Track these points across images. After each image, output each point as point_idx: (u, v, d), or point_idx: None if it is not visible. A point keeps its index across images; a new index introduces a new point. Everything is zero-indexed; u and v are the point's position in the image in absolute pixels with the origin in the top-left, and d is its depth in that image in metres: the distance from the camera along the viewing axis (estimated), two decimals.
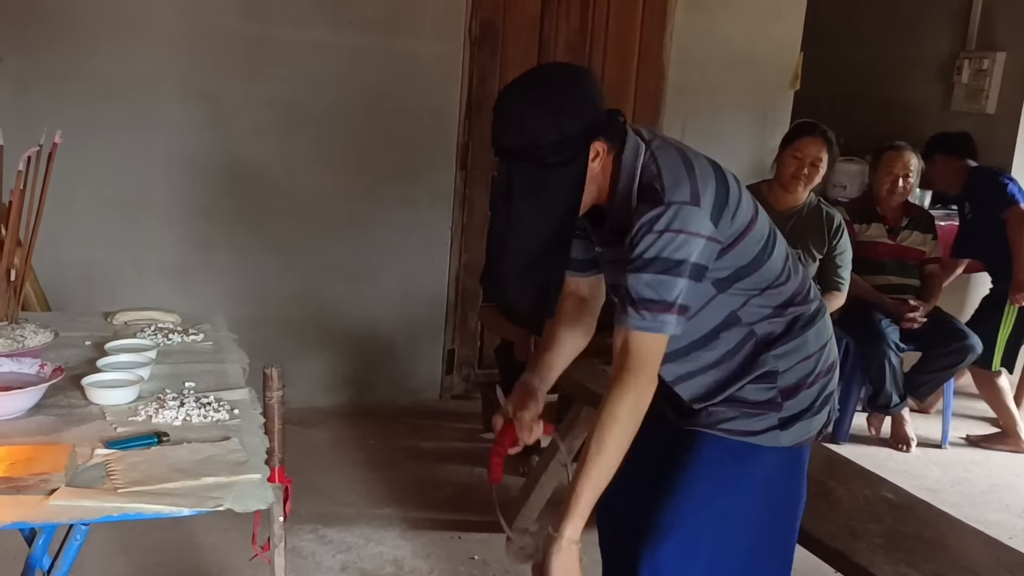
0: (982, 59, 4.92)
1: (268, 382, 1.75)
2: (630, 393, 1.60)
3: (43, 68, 3.46)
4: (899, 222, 4.14)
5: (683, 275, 1.56)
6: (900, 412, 4.09)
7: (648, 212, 1.57)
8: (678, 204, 1.56)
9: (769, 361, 1.75)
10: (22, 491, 1.34)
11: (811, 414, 1.80)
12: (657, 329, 1.58)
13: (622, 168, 1.64)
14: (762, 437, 1.76)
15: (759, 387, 1.76)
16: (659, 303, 1.56)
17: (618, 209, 1.66)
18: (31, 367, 1.77)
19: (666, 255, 1.55)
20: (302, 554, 2.83)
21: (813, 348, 1.79)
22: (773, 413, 1.76)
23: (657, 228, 1.55)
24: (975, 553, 2.07)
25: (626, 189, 1.64)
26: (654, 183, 1.60)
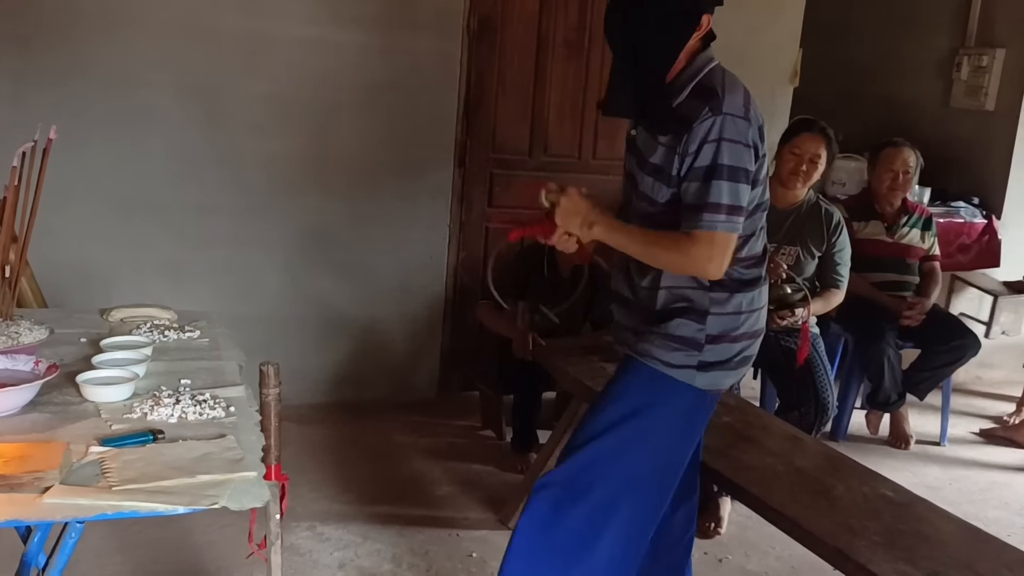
0: (981, 56, 4.91)
1: (264, 379, 1.75)
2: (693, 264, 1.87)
3: (40, 64, 3.44)
4: (898, 219, 4.13)
5: (739, 180, 1.84)
6: (899, 410, 4.09)
7: (704, 117, 1.82)
8: (730, 115, 1.83)
9: (707, 298, 1.95)
10: (16, 489, 1.34)
11: (727, 367, 2.00)
12: (732, 229, 1.85)
13: (696, 60, 1.92)
14: (681, 372, 1.97)
15: (689, 322, 1.96)
16: (731, 207, 1.83)
17: (675, 90, 1.90)
18: (26, 364, 1.77)
19: (729, 162, 1.82)
20: (299, 552, 2.83)
21: (745, 307, 2.00)
22: (695, 352, 1.96)
23: (713, 137, 1.81)
24: (974, 551, 2.07)
25: (689, 77, 1.90)
26: (716, 88, 1.86)
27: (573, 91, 4.18)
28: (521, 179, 4.19)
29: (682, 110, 1.87)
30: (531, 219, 2.05)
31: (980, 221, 4.77)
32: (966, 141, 4.99)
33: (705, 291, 1.95)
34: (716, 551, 3.03)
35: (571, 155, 4.26)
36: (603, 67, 4.16)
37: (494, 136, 4.13)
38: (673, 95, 1.90)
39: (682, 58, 1.92)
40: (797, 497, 2.28)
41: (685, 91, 1.89)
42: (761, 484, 2.33)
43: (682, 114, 1.86)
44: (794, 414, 3.34)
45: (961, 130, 5.01)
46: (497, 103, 4.10)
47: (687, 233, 1.86)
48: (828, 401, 3.39)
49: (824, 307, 3.61)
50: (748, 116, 1.85)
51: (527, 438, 3.62)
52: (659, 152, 1.91)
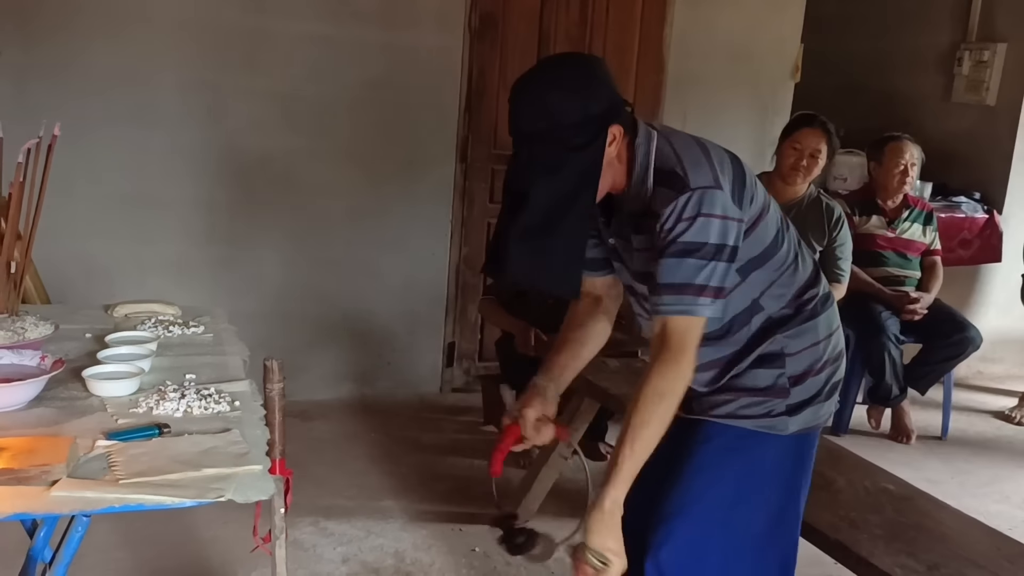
0: (983, 50, 4.91)
1: (269, 374, 1.75)
2: (671, 371, 1.61)
3: (43, 60, 3.45)
4: (899, 214, 4.14)
5: (715, 258, 1.59)
6: (900, 404, 4.09)
7: (673, 199, 1.59)
8: (702, 189, 1.59)
9: (779, 341, 1.76)
10: (24, 482, 1.34)
11: (819, 400, 1.81)
12: (693, 312, 1.60)
13: (636, 154, 1.66)
14: (768, 423, 1.77)
15: (767, 371, 1.77)
16: (693, 287, 1.59)
17: (633, 195, 1.67)
18: (32, 359, 1.77)
19: (700, 240, 1.58)
20: (303, 546, 2.84)
21: (823, 334, 1.81)
22: (780, 400, 1.77)
23: (687, 215, 1.58)
24: (975, 543, 2.08)
25: (641, 175, 1.66)
26: (675, 168, 1.62)
27: None
28: None
29: (655, 204, 1.63)
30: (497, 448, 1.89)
31: (981, 216, 4.77)
32: (967, 136, 4.99)
33: (776, 334, 1.77)
34: None
35: None
36: None
37: (495, 132, 4.14)
38: (638, 199, 1.66)
39: (617, 167, 1.66)
40: None
41: (648, 187, 1.65)
42: None
43: (654, 208, 1.63)
44: None
45: (962, 125, 5.01)
46: (499, 99, 4.10)
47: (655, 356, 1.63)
48: None
49: None
50: (719, 182, 1.61)
51: None
52: (638, 259, 1.72)
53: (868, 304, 4.01)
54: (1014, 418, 4.45)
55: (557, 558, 1.92)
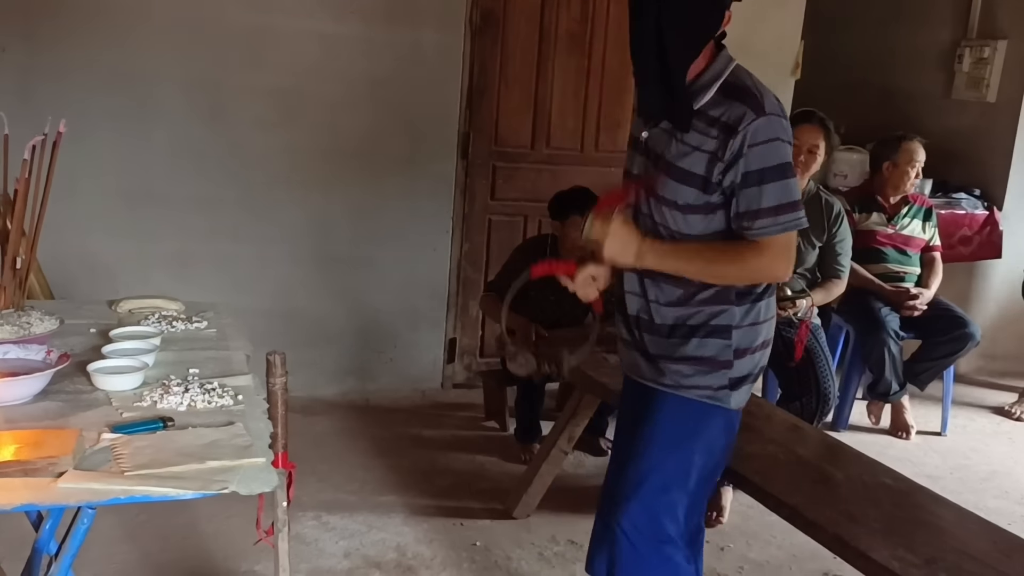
0: (983, 47, 4.91)
1: (272, 368, 1.77)
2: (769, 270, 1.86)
3: (47, 58, 3.47)
4: (899, 210, 4.15)
5: (790, 176, 1.81)
6: (900, 400, 4.11)
7: (749, 116, 1.76)
8: (776, 115, 1.80)
9: (730, 313, 1.91)
10: (31, 474, 1.36)
11: (750, 381, 1.98)
12: (797, 225, 1.83)
13: (717, 59, 1.87)
14: (716, 396, 1.94)
15: (716, 341, 1.92)
16: (790, 204, 1.80)
17: (696, 91, 1.84)
18: (37, 353, 1.79)
19: (784, 160, 1.79)
20: (305, 540, 2.86)
21: (763, 317, 1.97)
22: (724, 371, 1.93)
23: (762, 138, 1.77)
24: (972, 537, 2.09)
25: (712, 77, 1.84)
26: (750, 87, 1.83)
27: (575, 83, 4.19)
28: (523, 171, 4.22)
29: (717, 111, 1.80)
30: (551, 262, 2.01)
31: (981, 213, 4.78)
32: (968, 133, 4.99)
33: (733, 305, 1.90)
34: (718, 540, 3.05)
35: (573, 147, 4.27)
36: (605, 60, 4.17)
37: (496, 128, 4.15)
38: (697, 96, 1.83)
39: (700, 59, 1.85)
40: (798, 486, 2.31)
41: (710, 91, 1.82)
42: (762, 473, 2.36)
43: (719, 116, 1.79)
44: (795, 404, 3.36)
45: (963, 122, 5.02)
46: (499, 95, 4.12)
47: (752, 242, 1.82)
48: (829, 391, 3.41)
49: (825, 297, 3.63)
50: (783, 112, 1.83)
51: (530, 429, 3.64)
52: (692, 157, 1.82)
53: (868, 300, 4.03)
54: (1014, 413, 4.47)
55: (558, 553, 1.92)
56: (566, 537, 3.00)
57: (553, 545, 2.96)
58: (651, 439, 1.96)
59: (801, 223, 1.82)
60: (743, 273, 1.87)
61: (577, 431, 3.12)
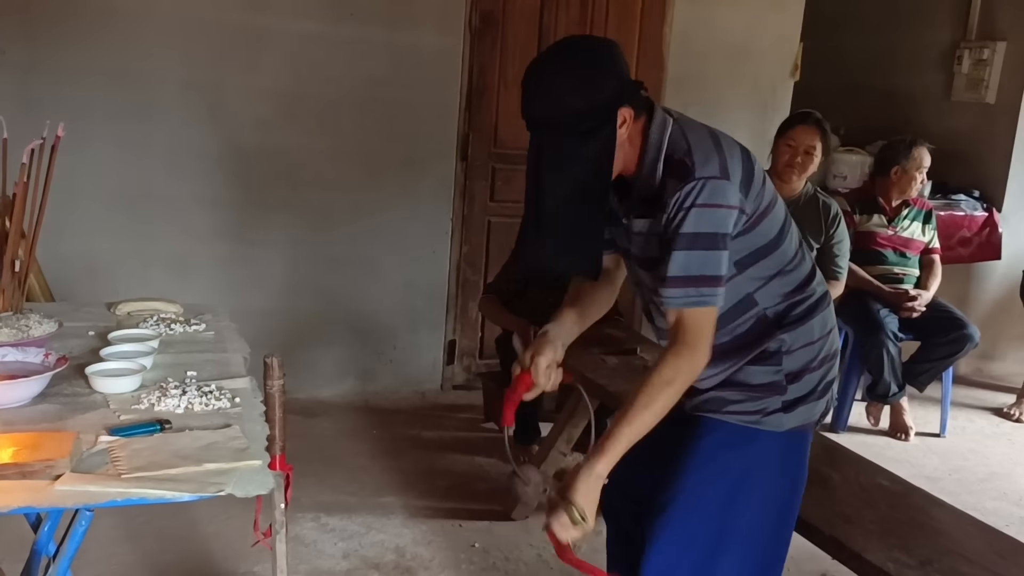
0: (982, 49, 4.92)
1: (269, 371, 1.78)
2: (684, 362, 1.66)
3: (46, 60, 3.48)
4: (899, 212, 4.15)
5: (721, 247, 1.64)
6: (899, 401, 4.11)
7: (681, 188, 1.62)
8: (708, 178, 1.62)
9: (777, 340, 1.78)
10: (28, 476, 1.37)
11: (814, 398, 1.83)
12: (707, 303, 1.65)
13: (650, 139, 1.69)
14: (765, 420, 1.79)
15: (765, 368, 1.79)
16: (705, 278, 1.63)
17: (644, 179, 1.71)
18: (36, 356, 1.79)
19: (706, 230, 1.62)
20: (304, 542, 2.86)
21: (819, 333, 1.83)
22: (777, 396, 1.79)
23: (692, 204, 1.61)
24: (968, 539, 2.09)
25: (653, 159, 1.69)
26: (684, 158, 1.65)
27: None
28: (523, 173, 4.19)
29: (660, 193, 1.66)
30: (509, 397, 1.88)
31: (981, 214, 4.79)
32: (967, 134, 5.00)
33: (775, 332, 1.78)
34: None
35: None
36: None
37: (496, 130, 4.16)
38: (647, 184, 1.69)
39: (628, 151, 1.69)
40: None
41: (657, 175, 1.68)
42: None
43: (662, 196, 1.66)
44: None
45: (962, 123, 5.02)
46: (499, 97, 4.13)
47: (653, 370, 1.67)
48: None
49: None
50: (727, 173, 1.64)
51: (529, 430, 3.64)
52: (637, 242, 1.75)
53: (866, 301, 4.03)
54: (1013, 415, 4.48)
55: None
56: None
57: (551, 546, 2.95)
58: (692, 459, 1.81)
59: (714, 303, 1.64)
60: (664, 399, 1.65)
61: (576, 432, 3.12)
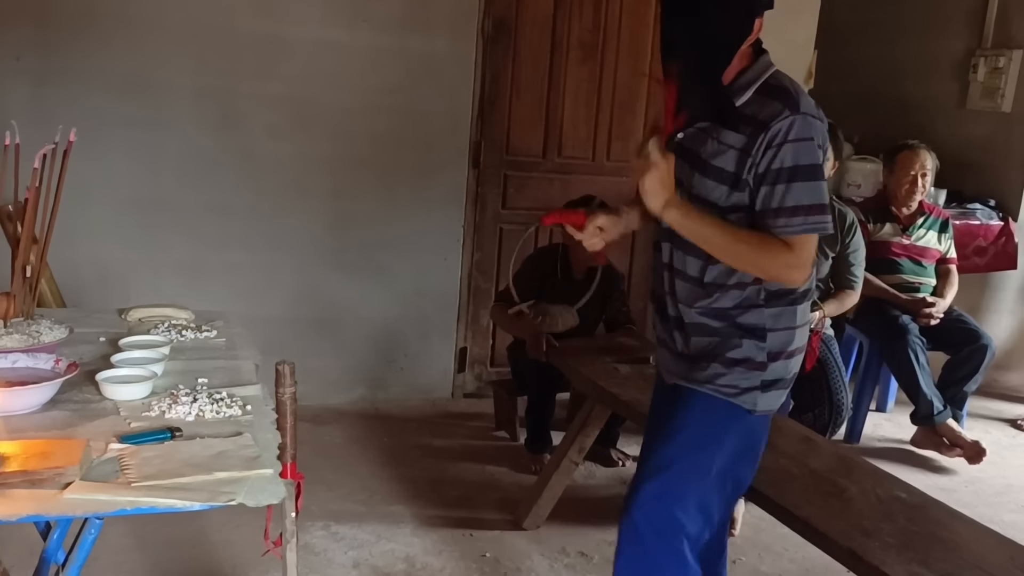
0: (998, 57, 4.89)
1: (280, 378, 1.76)
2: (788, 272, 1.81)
3: (59, 66, 3.48)
4: (914, 221, 4.12)
5: (821, 178, 1.78)
6: (947, 423, 3.86)
7: (783, 115, 1.75)
8: (808, 115, 1.77)
9: (764, 316, 1.89)
10: (37, 485, 1.36)
11: (783, 386, 1.96)
12: (825, 228, 1.79)
13: (757, 63, 1.86)
14: (744, 397, 1.92)
15: (749, 343, 1.90)
16: (816, 206, 1.77)
17: (736, 89, 1.83)
18: (46, 362, 1.79)
19: (813, 162, 1.76)
20: (314, 550, 2.85)
21: (798, 322, 1.94)
22: (758, 372, 1.91)
23: (793, 136, 1.74)
24: (988, 553, 2.06)
25: (751, 79, 1.83)
26: (788, 88, 1.81)
27: (587, 93, 4.19)
28: (535, 180, 4.21)
29: (752, 109, 1.80)
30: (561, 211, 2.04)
31: (996, 223, 4.75)
32: (982, 143, 4.97)
33: (762, 307, 1.89)
34: (730, 552, 2.99)
35: (585, 157, 4.27)
36: (617, 69, 4.17)
37: (508, 138, 4.15)
38: (735, 96, 1.83)
39: (736, 63, 1.85)
40: (810, 498, 2.28)
41: (748, 92, 1.82)
42: (775, 485, 2.33)
43: (754, 114, 1.79)
44: (808, 416, 3.34)
45: (977, 132, 4.99)
46: (511, 105, 4.12)
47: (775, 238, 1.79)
48: (842, 403, 3.38)
49: (839, 308, 3.60)
50: (821, 116, 1.80)
51: (541, 439, 3.62)
52: (726, 155, 1.82)
53: (886, 309, 3.98)
54: None
55: None
56: (576, 549, 2.98)
57: (563, 557, 2.94)
58: (674, 433, 1.97)
59: (825, 228, 1.78)
60: (758, 260, 1.80)
61: (588, 442, 3.10)
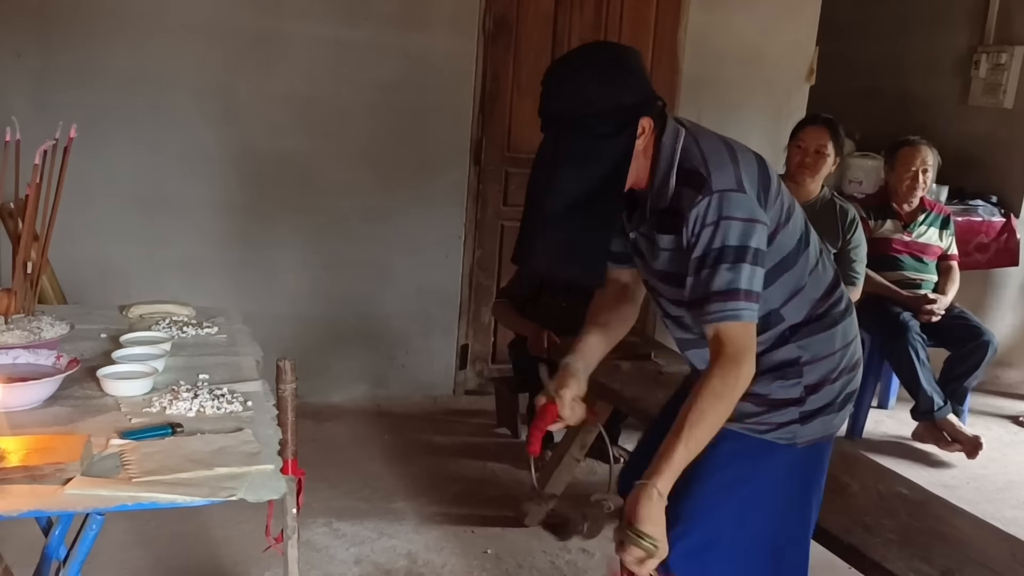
0: (1000, 53, 4.88)
1: (281, 375, 1.76)
2: (730, 375, 1.62)
3: (61, 64, 3.48)
4: (915, 218, 4.11)
5: (746, 260, 1.59)
6: (947, 418, 3.86)
7: (696, 201, 1.60)
8: (723, 191, 1.60)
9: (796, 350, 1.76)
10: (38, 480, 1.36)
11: (832, 410, 1.80)
12: (740, 317, 1.60)
13: (662, 150, 1.68)
14: (781, 432, 1.77)
15: (784, 380, 1.76)
16: (733, 292, 1.59)
17: (657, 192, 1.68)
18: (47, 358, 1.79)
19: (728, 243, 1.59)
20: (316, 547, 2.85)
21: (839, 344, 1.80)
22: (795, 407, 1.77)
23: (710, 220, 1.59)
24: (990, 548, 2.06)
25: (665, 171, 1.67)
26: (698, 168, 1.63)
27: None
28: None
29: (675, 203, 1.64)
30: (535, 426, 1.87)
31: (998, 220, 4.74)
32: (984, 139, 4.96)
33: (791, 342, 1.75)
34: None
35: None
36: None
37: (509, 135, 4.14)
38: (659, 197, 1.68)
39: (643, 161, 1.68)
40: None
41: (671, 186, 1.65)
42: None
43: (676, 208, 1.64)
44: None
45: (979, 128, 4.98)
46: (512, 102, 4.11)
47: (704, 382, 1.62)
48: None
49: None
50: (742, 186, 1.61)
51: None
52: (665, 257, 1.71)
53: (886, 305, 3.98)
54: None
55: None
56: (577, 545, 2.97)
57: (565, 554, 2.94)
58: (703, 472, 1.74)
59: (748, 317, 1.61)
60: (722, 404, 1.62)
61: (590, 438, 3.10)
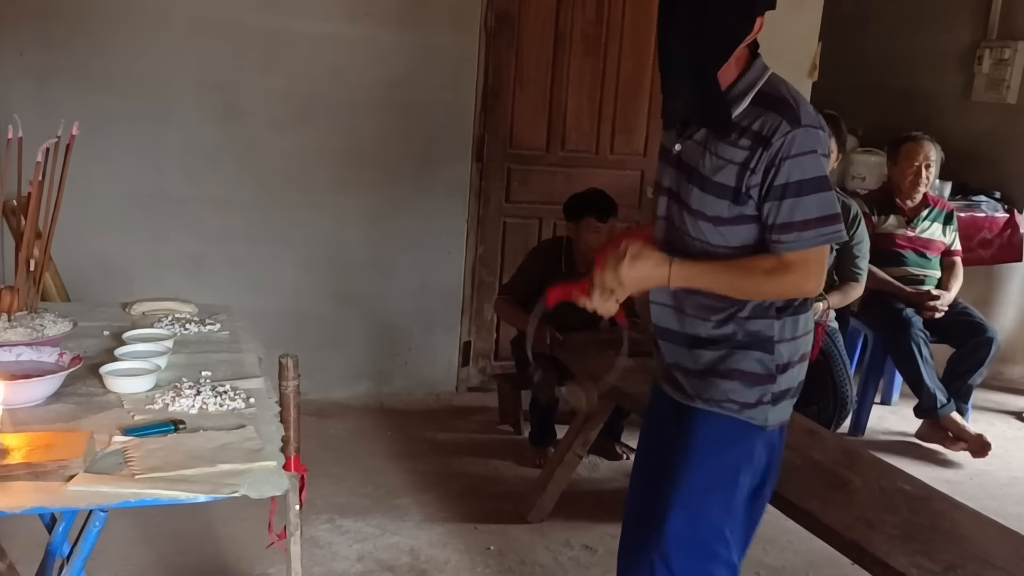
0: (1003, 48, 4.87)
1: (284, 371, 1.76)
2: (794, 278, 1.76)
3: (63, 61, 3.49)
4: (918, 213, 4.11)
5: (826, 189, 1.73)
6: (951, 416, 3.86)
7: (785, 131, 1.70)
8: (809, 127, 1.72)
9: (773, 326, 1.84)
10: (41, 477, 1.36)
11: (791, 395, 1.91)
12: (831, 239, 1.75)
13: (752, 67, 1.82)
14: (754, 412, 1.85)
15: (758, 355, 1.84)
16: (826, 217, 1.72)
17: (733, 98, 1.78)
18: (50, 356, 1.79)
19: (815, 174, 1.72)
20: (319, 544, 2.85)
21: (801, 331, 1.90)
22: (768, 385, 1.85)
23: (796, 151, 1.70)
24: (992, 545, 2.06)
25: (748, 85, 1.79)
26: (786, 97, 1.76)
27: (590, 86, 4.18)
28: (538, 173, 4.21)
29: (750, 122, 1.74)
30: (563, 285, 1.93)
31: (1002, 215, 4.73)
32: (987, 135, 4.95)
33: (773, 319, 1.84)
34: None
35: (588, 150, 4.26)
36: (621, 62, 4.16)
37: (511, 131, 4.14)
38: (732, 104, 1.77)
39: (733, 66, 1.79)
40: (815, 491, 2.28)
41: (745, 100, 1.77)
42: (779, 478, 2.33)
43: (752, 127, 1.74)
44: (812, 408, 3.33)
45: (982, 123, 4.97)
46: (514, 98, 4.11)
47: (780, 256, 1.74)
48: (847, 395, 3.38)
49: (842, 300, 3.60)
50: (821, 124, 1.76)
51: (545, 433, 3.62)
52: (726, 170, 1.76)
53: (889, 301, 3.97)
54: None
55: None
56: (580, 542, 2.98)
57: (567, 550, 2.94)
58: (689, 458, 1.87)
59: (838, 237, 1.75)
60: (772, 288, 1.79)
61: (592, 435, 3.10)
